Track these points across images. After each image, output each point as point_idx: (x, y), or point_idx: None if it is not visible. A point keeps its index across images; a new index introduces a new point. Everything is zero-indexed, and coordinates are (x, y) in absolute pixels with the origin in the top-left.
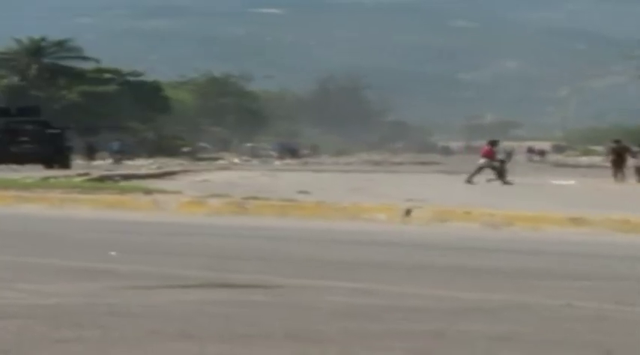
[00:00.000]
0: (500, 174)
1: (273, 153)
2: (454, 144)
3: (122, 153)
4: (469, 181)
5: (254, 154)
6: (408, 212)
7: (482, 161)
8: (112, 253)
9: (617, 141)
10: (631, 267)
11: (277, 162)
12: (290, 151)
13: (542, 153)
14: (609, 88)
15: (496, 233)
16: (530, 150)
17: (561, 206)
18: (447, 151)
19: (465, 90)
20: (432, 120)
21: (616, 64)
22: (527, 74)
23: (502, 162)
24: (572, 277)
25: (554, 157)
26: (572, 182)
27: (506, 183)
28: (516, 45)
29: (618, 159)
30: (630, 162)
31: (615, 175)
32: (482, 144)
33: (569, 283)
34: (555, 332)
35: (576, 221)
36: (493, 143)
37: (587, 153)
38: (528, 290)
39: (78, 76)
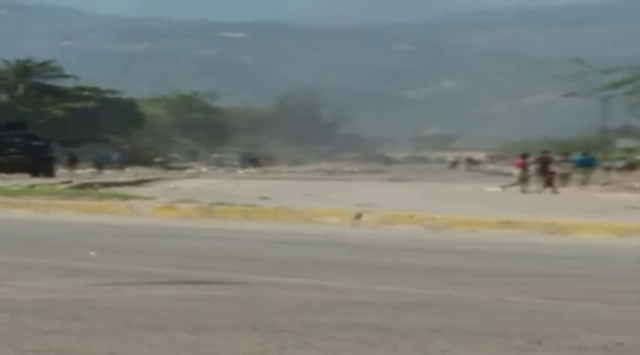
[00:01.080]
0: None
1: (236, 162)
2: (400, 155)
3: (121, 163)
4: (504, 187)
5: (219, 164)
6: (358, 216)
7: (516, 172)
8: (92, 253)
9: (545, 152)
10: (558, 265)
11: (240, 171)
12: (251, 161)
13: (476, 162)
14: (539, 105)
15: (437, 234)
16: (469, 160)
17: (495, 210)
18: (388, 161)
19: (409, 106)
20: (380, 132)
21: (545, 83)
22: (465, 92)
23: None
24: (504, 274)
25: (489, 167)
26: (501, 188)
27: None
28: (455, 66)
29: (542, 167)
30: (556, 169)
31: (539, 183)
32: (426, 154)
33: (501, 280)
34: (489, 325)
35: (508, 224)
36: (524, 156)
37: None
38: (465, 286)
39: (61, 94)
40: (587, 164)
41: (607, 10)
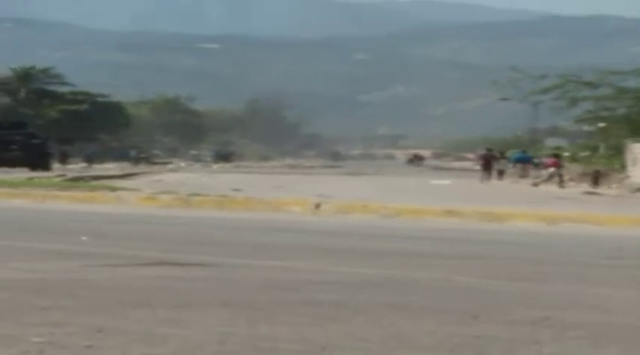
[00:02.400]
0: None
1: (209, 158)
2: (354, 152)
3: (139, 160)
4: (536, 184)
5: (196, 159)
6: (317, 205)
7: (552, 170)
8: (84, 238)
9: (488, 150)
10: (493, 249)
11: (215, 166)
12: (223, 157)
13: (421, 158)
14: (478, 108)
15: (388, 222)
16: (416, 157)
17: (439, 201)
18: (340, 157)
19: (364, 109)
20: (337, 132)
21: (483, 89)
22: (413, 96)
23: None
24: (447, 257)
25: (433, 162)
26: (447, 182)
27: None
28: (405, 73)
29: (486, 163)
30: (495, 166)
31: (484, 177)
32: (378, 152)
33: (445, 261)
34: (433, 301)
35: (450, 212)
36: (557, 155)
37: (460, 159)
38: (414, 267)
39: (57, 98)
40: (525, 160)
41: (534, 25)
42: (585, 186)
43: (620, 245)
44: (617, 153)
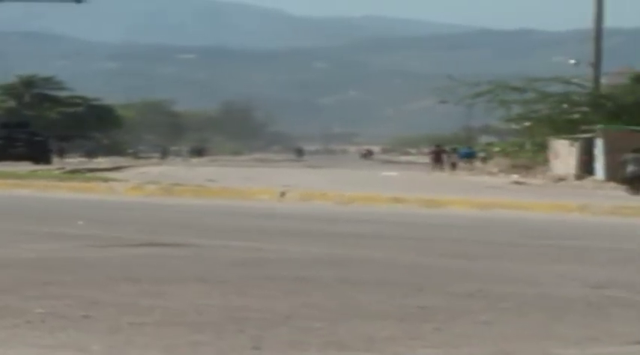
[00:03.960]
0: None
1: (185, 153)
2: (313, 147)
3: (200, 153)
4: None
5: (177, 154)
6: (282, 194)
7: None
8: (80, 222)
9: (438, 145)
10: (435, 231)
11: (193, 160)
12: (198, 152)
13: (371, 153)
14: (420, 110)
15: (344, 208)
16: (369, 152)
17: (387, 190)
18: (300, 152)
19: (322, 110)
20: (299, 130)
21: (425, 93)
22: (364, 99)
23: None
24: (394, 238)
25: (382, 156)
26: (395, 173)
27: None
28: (358, 80)
29: (437, 157)
30: (447, 159)
31: (434, 169)
32: (334, 148)
33: (393, 242)
34: (384, 276)
35: (397, 199)
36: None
37: (405, 153)
38: (365, 247)
39: (57, 101)
40: (470, 155)
41: (469, 38)
42: (514, 177)
43: (543, 227)
44: (541, 148)
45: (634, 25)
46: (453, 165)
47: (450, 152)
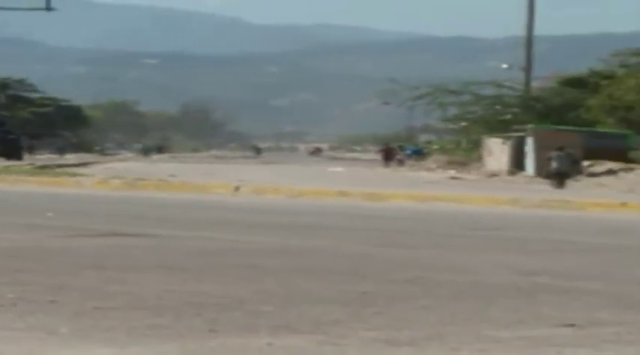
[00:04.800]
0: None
1: (149, 150)
2: (266, 145)
3: (160, 150)
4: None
5: (140, 151)
6: (237, 188)
7: (399, 156)
8: (49, 214)
9: (386, 144)
10: (377, 222)
11: (155, 157)
12: (158, 149)
13: (320, 150)
14: (365, 111)
15: (294, 201)
16: (317, 149)
17: (334, 184)
18: (258, 150)
19: (275, 111)
20: (253, 129)
21: (370, 95)
22: (314, 101)
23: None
24: (340, 229)
25: (329, 153)
26: (341, 169)
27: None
28: (308, 83)
29: (387, 155)
30: (395, 157)
31: (385, 165)
32: (285, 145)
33: (338, 232)
34: (330, 264)
35: (342, 193)
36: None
37: (351, 150)
38: (313, 237)
39: (29, 102)
40: (418, 153)
41: (411, 44)
42: (451, 172)
43: (477, 219)
44: (476, 146)
45: (561, 32)
46: (400, 162)
47: (397, 150)
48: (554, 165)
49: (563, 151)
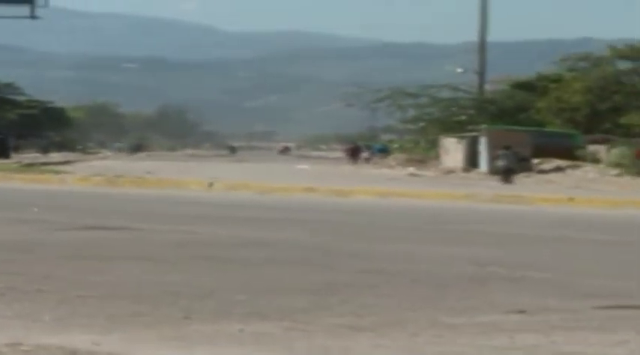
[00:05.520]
0: None
1: (128, 149)
2: (237, 144)
3: (139, 149)
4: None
5: (120, 150)
6: (211, 184)
7: (365, 155)
8: (35, 209)
9: (354, 142)
10: (342, 217)
11: (133, 155)
12: (137, 148)
13: (288, 149)
14: (331, 112)
15: (264, 197)
16: (286, 148)
17: (302, 181)
18: (233, 149)
19: (246, 112)
20: (226, 129)
21: (335, 98)
22: (282, 103)
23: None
24: (306, 221)
25: (297, 152)
26: (307, 167)
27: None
28: (276, 87)
29: (353, 153)
30: (362, 155)
31: (351, 163)
32: (256, 144)
33: (305, 225)
34: (297, 255)
35: (309, 189)
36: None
37: (317, 149)
38: (281, 230)
39: (16, 104)
40: (384, 151)
41: (373, 50)
42: (410, 169)
43: (434, 213)
44: (433, 145)
45: (512, 39)
46: (368, 160)
47: (364, 148)
48: (501, 162)
49: (509, 150)
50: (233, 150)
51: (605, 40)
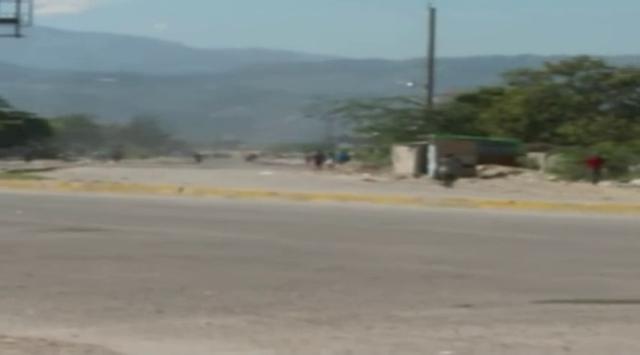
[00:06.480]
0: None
1: (104, 157)
2: (205, 152)
3: (120, 155)
4: (595, 182)
5: (97, 158)
6: (181, 189)
7: (329, 162)
8: (19, 212)
9: (319, 150)
10: (303, 219)
11: (110, 162)
12: (114, 156)
13: (255, 156)
14: (292, 122)
15: (230, 201)
16: (253, 155)
17: (266, 186)
18: (200, 158)
19: (213, 123)
20: (195, 138)
21: (296, 109)
22: (247, 114)
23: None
24: (270, 224)
25: (262, 159)
26: (271, 173)
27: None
28: (241, 98)
29: (318, 160)
30: (325, 162)
31: (316, 169)
32: (223, 152)
33: (269, 227)
34: (261, 254)
35: (273, 194)
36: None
37: (279, 157)
38: (247, 231)
39: (2, 116)
40: (345, 159)
41: (332, 65)
42: (365, 175)
43: (387, 215)
44: (386, 153)
45: (458, 55)
46: (331, 167)
47: (327, 156)
48: (443, 168)
49: (451, 157)
50: (198, 158)
51: (542, 57)
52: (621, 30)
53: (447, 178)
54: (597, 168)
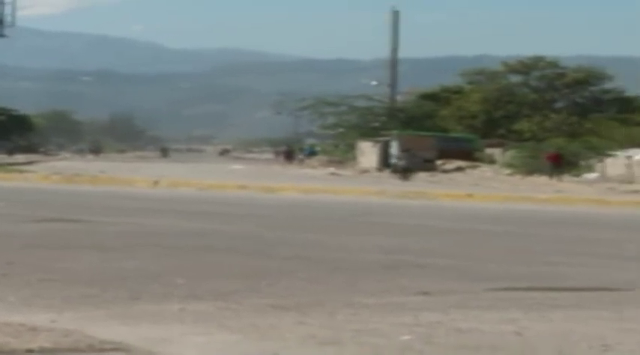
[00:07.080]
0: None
1: (89, 150)
2: (178, 146)
3: (99, 150)
4: (552, 177)
5: (76, 152)
6: (156, 182)
7: (301, 157)
8: (1, 203)
9: (289, 146)
10: (272, 211)
11: (89, 156)
12: (93, 150)
13: (228, 151)
14: (262, 119)
15: (203, 193)
16: (226, 150)
17: (236, 179)
18: (167, 153)
19: (187, 119)
20: (169, 134)
21: (266, 106)
22: (220, 111)
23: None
24: (241, 215)
25: (233, 154)
26: (241, 167)
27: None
28: (215, 96)
29: (288, 155)
30: (296, 157)
31: (287, 164)
32: (196, 147)
33: (240, 218)
34: (236, 244)
35: (242, 187)
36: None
37: (249, 152)
38: (220, 222)
39: None
40: (313, 154)
41: (300, 65)
42: (331, 169)
43: (351, 207)
44: (351, 148)
45: (420, 55)
46: (301, 161)
47: (298, 151)
48: (400, 163)
49: (409, 152)
50: (165, 152)
51: (499, 57)
52: (574, 31)
53: (403, 172)
54: (557, 164)
